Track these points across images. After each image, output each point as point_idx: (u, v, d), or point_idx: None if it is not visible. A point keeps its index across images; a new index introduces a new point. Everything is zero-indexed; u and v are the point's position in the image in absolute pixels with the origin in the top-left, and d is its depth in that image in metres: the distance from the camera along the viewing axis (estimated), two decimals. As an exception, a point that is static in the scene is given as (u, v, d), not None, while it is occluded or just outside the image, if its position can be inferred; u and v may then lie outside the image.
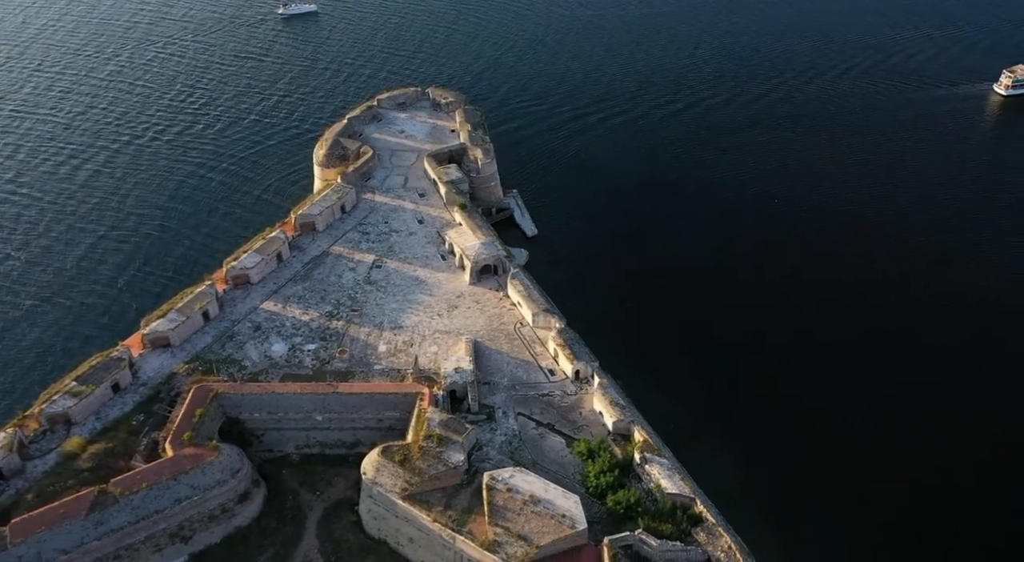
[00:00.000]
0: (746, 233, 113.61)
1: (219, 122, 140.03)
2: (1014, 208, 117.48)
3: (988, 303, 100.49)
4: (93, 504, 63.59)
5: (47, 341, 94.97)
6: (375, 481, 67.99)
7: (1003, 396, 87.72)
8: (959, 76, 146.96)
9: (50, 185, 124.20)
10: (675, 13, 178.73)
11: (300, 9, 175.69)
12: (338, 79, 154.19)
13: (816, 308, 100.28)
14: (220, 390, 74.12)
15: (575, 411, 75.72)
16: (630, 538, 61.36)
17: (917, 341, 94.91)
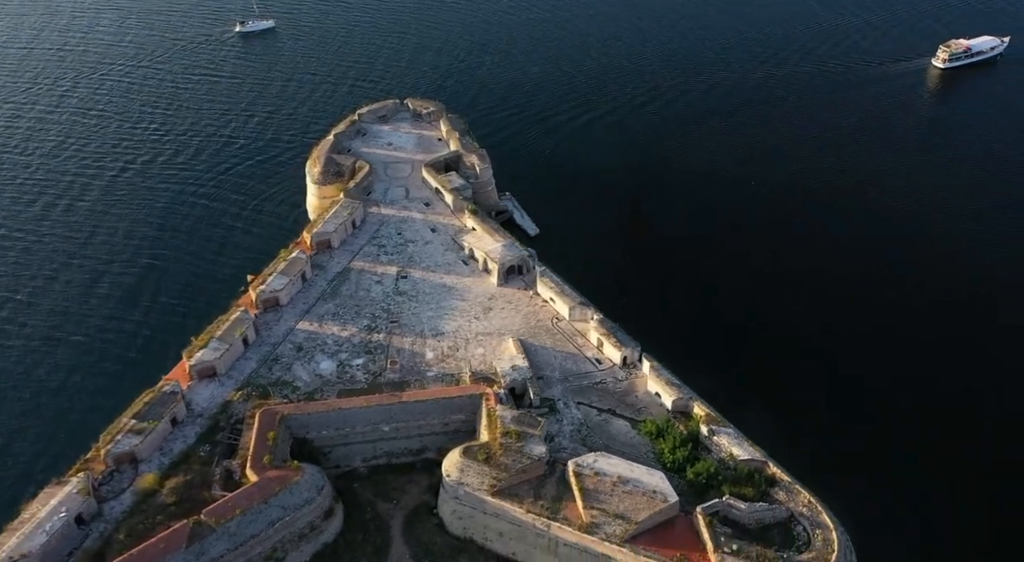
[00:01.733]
0: (735, 215, 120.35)
1: (193, 146, 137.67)
2: (955, 171, 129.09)
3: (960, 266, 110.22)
4: (191, 535, 63.35)
5: (76, 382, 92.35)
6: (461, 482, 69.96)
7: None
8: (900, 53, 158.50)
9: (31, 225, 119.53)
10: (616, 15, 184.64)
11: (258, 26, 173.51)
12: (307, 95, 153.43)
13: (806, 278, 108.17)
14: (286, 412, 74.51)
15: (631, 395, 79.54)
16: (719, 505, 65.54)
17: (887, 308, 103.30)
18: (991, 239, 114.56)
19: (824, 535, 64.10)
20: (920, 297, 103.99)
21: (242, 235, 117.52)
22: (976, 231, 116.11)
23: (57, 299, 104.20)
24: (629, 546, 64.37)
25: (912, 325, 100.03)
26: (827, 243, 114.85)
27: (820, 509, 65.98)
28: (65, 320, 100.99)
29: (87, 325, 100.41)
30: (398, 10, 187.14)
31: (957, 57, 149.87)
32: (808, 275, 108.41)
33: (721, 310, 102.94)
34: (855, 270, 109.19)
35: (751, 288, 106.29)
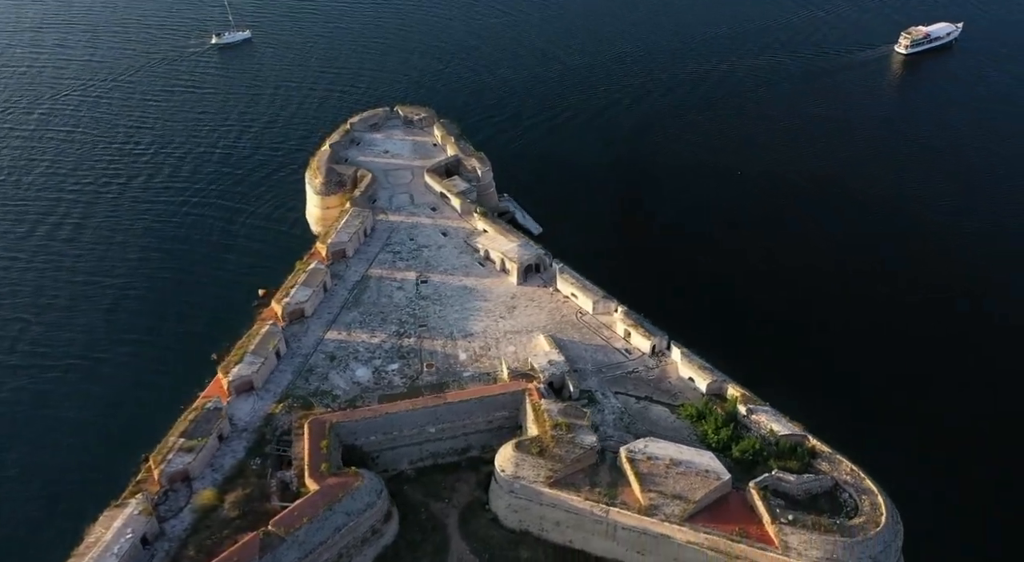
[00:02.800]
0: (725, 204, 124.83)
1: (181, 162, 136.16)
2: (929, 146, 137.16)
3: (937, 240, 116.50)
4: (263, 546, 63.88)
5: (110, 403, 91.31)
6: (516, 476, 71.80)
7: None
8: (864, 42, 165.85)
9: (37, 249, 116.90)
10: (589, 14, 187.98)
11: (235, 38, 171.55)
12: (291, 105, 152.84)
13: (796, 260, 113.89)
14: (334, 420, 75.29)
15: (664, 382, 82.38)
16: (769, 479, 68.70)
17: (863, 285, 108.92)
18: (967, 207, 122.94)
19: (871, 500, 67.86)
20: (891, 284, 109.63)
21: (244, 247, 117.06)
22: (949, 201, 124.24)
23: (71, 323, 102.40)
24: (689, 524, 67.23)
25: (903, 302, 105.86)
26: (813, 224, 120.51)
27: (863, 476, 69.74)
28: (86, 343, 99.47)
29: (108, 346, 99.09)
30: (374, 17, 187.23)
31: (918, 43, 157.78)
32: (797, 257, 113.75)
33: (722, 294, 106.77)
34: (843, 246, 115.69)
35: (745, 273, 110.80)
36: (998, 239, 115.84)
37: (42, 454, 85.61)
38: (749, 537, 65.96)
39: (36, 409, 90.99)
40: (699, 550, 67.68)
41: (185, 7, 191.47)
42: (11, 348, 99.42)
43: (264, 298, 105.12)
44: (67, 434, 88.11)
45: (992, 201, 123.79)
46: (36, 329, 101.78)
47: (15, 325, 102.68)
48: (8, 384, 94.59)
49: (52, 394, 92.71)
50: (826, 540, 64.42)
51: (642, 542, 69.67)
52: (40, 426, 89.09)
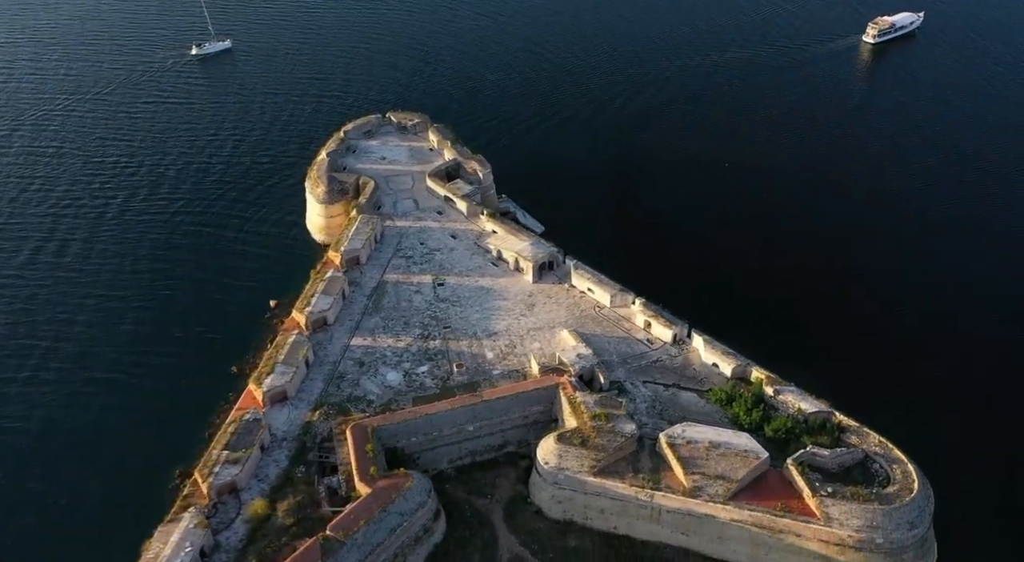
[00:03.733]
0: (717, 193, 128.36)
1: (172, 174, 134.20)
2: (902, 127, 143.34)
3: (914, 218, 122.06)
4: (324, 551, 64.66)
5: (131, 420, 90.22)
6: (560, 467, 73.64)
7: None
8: (833, 32, 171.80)
9: (42, 271, 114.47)
10: (570, 14, 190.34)
11: (215, 48, 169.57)
12: (277, 114, 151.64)
13: (786, 242, 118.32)
14: (375, 424, 76.19)
15: (688, 368, 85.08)
16: (805, 455, 71.70)
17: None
18: (940, 183, 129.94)
19: (901, 469, 71.33)
20: (882, 260, 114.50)
21: (249, 259, 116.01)
22: (924, 176, 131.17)
23: (82, 342, 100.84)
24: (733, 503, 69.90)
25: (886, 283, 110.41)
26: (802, 209, 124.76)
27: (892, 446, 73.26)
28: (103, 362, 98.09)
29: (126, 364, 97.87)
30: (355, 23, 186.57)
31: (885, 32, 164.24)
32: (789, 242, 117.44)
33: (721, 281, 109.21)
34: (833, 228, 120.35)
35: (741, 259, 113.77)
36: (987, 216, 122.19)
37: (73, 474, 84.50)
38: (792, 511, 68.88)
39: (57, 431, 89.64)
40: (743, 527, 70.44)
41: (162, 18, 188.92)
42: (35, 368, 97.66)
43: (276, 309, 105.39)
44: (94, 454, 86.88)
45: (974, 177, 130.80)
46: (54, 350, 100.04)
47: (33, 348, 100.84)
48: (32, 405, 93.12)
49: (75, 414, 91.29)
50: (865, 509, 67.67)
51: (686, 523, 72.15)
52: (64, 447, 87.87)
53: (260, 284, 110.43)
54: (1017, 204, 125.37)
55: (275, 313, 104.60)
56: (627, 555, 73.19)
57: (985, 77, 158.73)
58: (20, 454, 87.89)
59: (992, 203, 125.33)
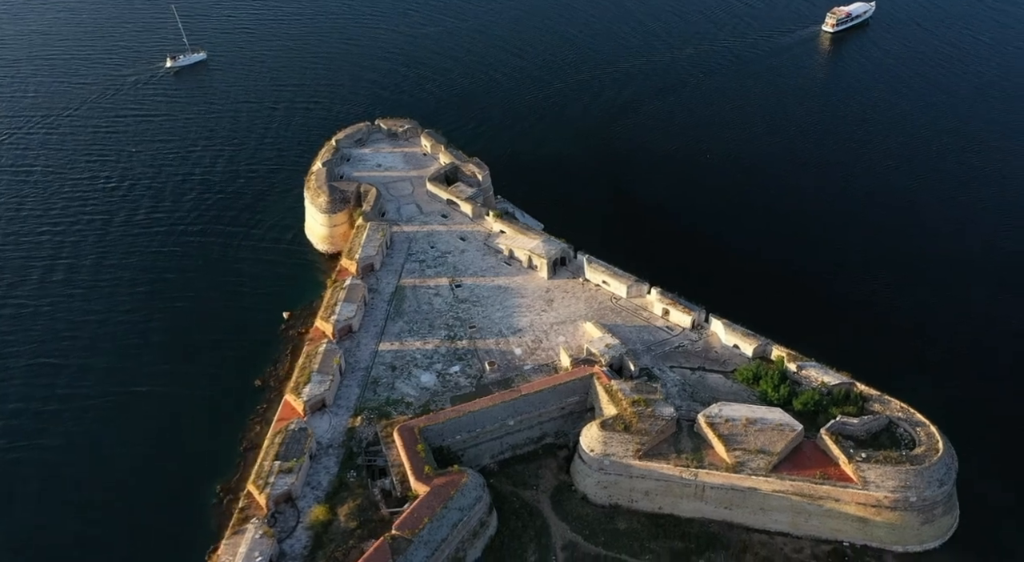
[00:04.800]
0: (701, 181, 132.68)
1: (160, 189, 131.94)
2: (871, 109, 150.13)
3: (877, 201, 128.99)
4: (393, 550, 66.18)
5: (163, 437, 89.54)
6: (606, 453, 76.37)
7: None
8: (793, 23, 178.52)
9: (39, 294, 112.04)
10: (524, 18, 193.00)
11: (190, 60, 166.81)
12: (257, 124, 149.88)
13: (772, 221, 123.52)
14: (421, 425, 77.76)
15: (710, 351, 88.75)
16: (835, 425, 75.83)
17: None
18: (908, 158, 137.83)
19: (925, 431, 76.07)
20: (845, 230, 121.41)
21: (253, 271, 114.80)
22: (894, 155, 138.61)
23: (100, 365, 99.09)
24: (774, 475, 73.64)
25: (862, 254, 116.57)
26: (780, 193, 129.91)
27: (913, 411, 77.99)
28: (121, 381, 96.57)
29: (144, 383, 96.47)
30: (328, 31, 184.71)
31: (842, 22, 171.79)
32: (773, 225, 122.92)
33: (713, 264, 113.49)
34: (810, 210, 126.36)
35: (733, 242, 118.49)
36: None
37: (111, 497, 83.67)
38: (830, 478, 72.96)
39: (89, 454, 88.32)
40: (784, 496, 74.29)
41: (133, 32, 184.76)
42: (60, 394, 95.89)
43: (290, 320, 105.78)
44: (130, 476, 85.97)
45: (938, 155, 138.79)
46: (76, 373, 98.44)
47: (56, 372, 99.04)
48: (63, 430, 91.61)
49: (104, 436, 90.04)
50: (898, 471, 72.10)
51: (730, 498, 75.67)
52: (97, 469, 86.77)
53: (269, 297, 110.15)
54: (985, 177, 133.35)
55: (290, 324, 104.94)
56: (674, 533, 76.34)
57: (935, 59, 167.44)
58: (61, 479, 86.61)
59: (960, 177, 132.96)
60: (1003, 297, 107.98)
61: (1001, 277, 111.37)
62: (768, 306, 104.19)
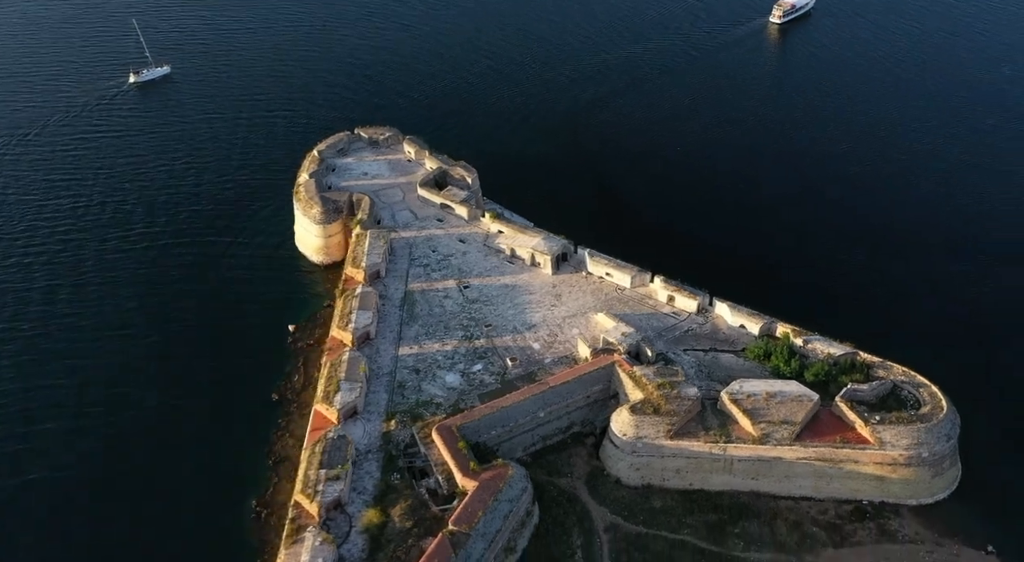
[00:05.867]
0: (674, 172, 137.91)
1: (144, 208, 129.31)
2: (809, 108, 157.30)
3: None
4: (453, 545, 68.26)
5: (188, 457, 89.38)
6: (638, 436, 79.92)
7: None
8: (743, 15, 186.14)
9: (40, 318, 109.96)
10: (478, 20, 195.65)
11: (154, 74, 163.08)
12: (229, 136, 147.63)
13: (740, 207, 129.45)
14: (458, 423, 79.85)
15: (718, 333, 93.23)
16: (848, 392, 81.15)
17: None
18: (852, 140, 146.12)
19: (927, 391, 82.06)
20: (809, 210, 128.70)
21: (247, 286, 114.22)
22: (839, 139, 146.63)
23: (113, 393, 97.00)
24: (798, 443, 78.43)
25: (832, 230, 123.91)
26: (746, 175, 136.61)
27: (914, 373, 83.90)
28: (134, 410, 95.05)
29: (159, 408, 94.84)
30: (294, 40, 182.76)
31: (788, 13, 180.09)
32: (750, 210, 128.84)
33: (702, 248, 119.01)
34: (774, 193, 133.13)
35: (713, 226, 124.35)
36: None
37: (147, 523, 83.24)
38: (850, 442, 78.14)
39: (118, 481, 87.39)
40: (807, 463, 79.18)
41: (93, 47, 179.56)
42: (68, 425, 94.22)
43: (297, 333, 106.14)
44: (163, 500, 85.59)
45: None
46: (71, 395, 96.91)
47: (63, 402, 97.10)
48: (74, 455, 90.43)
49: (131, 461, 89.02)
50: (911, 429, 77.75)
51: (756, 468, 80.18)
52: (127, 496, 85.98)
53: (270, 311, 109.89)
54: (927, 153, 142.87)
55: (296, 337, 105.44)
56: (707, 506, 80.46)
57: (875, 45, 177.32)
58: (85, 508, 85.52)
59: (906, 153, 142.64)
60: (957, 264, 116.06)
61: (948, 244, 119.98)
62: (757, 286, 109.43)
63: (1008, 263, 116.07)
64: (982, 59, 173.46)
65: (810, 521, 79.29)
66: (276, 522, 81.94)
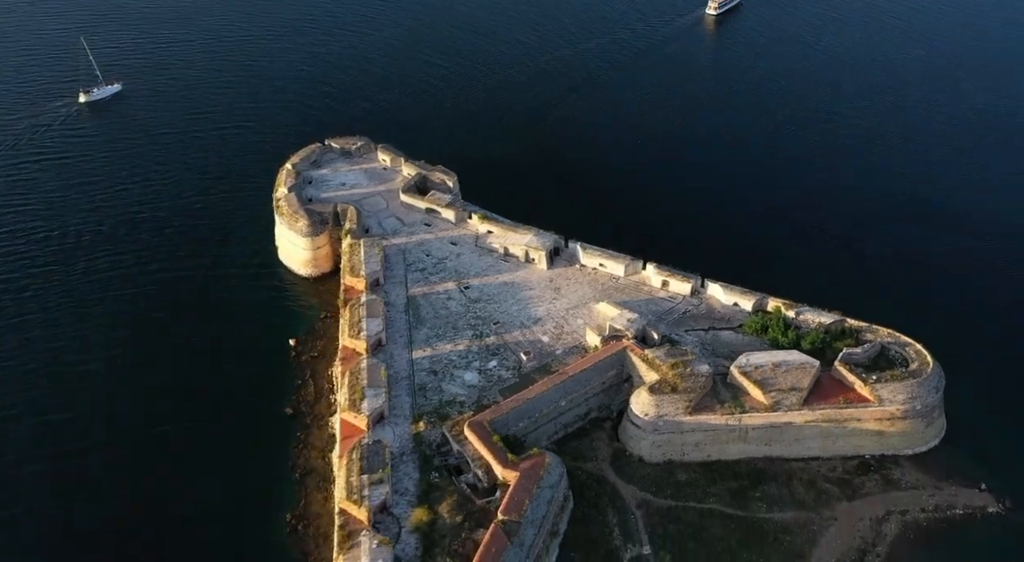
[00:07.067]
0: (637, 163, 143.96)
1: (111, 230, 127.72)
2: (750, 93, 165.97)
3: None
4: (507, 533, 71.10)
5: (230, 471, 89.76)
6: (659, 415, 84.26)
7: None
8: (681, 8, 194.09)
9: (36, 352, 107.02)
10: (422, 27, 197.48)
11: (105, 93, 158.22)
12: (194, 154, 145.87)
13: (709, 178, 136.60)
14: (489, 418, 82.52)
15: (714, 312, 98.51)
16: (845, 356, 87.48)
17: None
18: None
19: (913, 349, 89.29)
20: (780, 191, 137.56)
21: (237, 304, 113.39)
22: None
23: (128, 425, 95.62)
24: (806, 407, 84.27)
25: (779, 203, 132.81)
26: (702, 161, 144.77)
27: (899, 334, 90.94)
28: (146, 424, 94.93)
29: (175, 434, 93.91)
30: (243, 53, 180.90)
31: (723, 4, 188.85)
32: (702, 186, 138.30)
33: (674, 230, 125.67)
34: (728, 173, 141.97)
35: (689, 208, 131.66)
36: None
37: (184, 544, 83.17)
38: (852, 402, 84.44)
39: (155, 511, 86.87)
40: (815, 425, 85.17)
41: (41, 67, 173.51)
42: (89, 450, 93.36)
43: (298, 346, 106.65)
44: (192, 524, 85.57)
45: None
46: (79, 424, 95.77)
47: (84, 432, 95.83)
48: (95, 487, 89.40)
49: (155, 484, 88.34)
50: (905, 385, 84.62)
51: (769, 435, 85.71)
52: (159, 521, 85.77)
53: (266, 326, 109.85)
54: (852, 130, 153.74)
55: (299, 350, 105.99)
56: (727, 475, 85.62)
57: (801, 30, 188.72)
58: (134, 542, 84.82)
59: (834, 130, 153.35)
60: (913, 230, 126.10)
61: (896, 212, 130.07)
62: (737, 264, 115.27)
63: (953, 226, 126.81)
64: (899, 41, 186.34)
65: (822, 479, 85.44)
66: (314, 533, 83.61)
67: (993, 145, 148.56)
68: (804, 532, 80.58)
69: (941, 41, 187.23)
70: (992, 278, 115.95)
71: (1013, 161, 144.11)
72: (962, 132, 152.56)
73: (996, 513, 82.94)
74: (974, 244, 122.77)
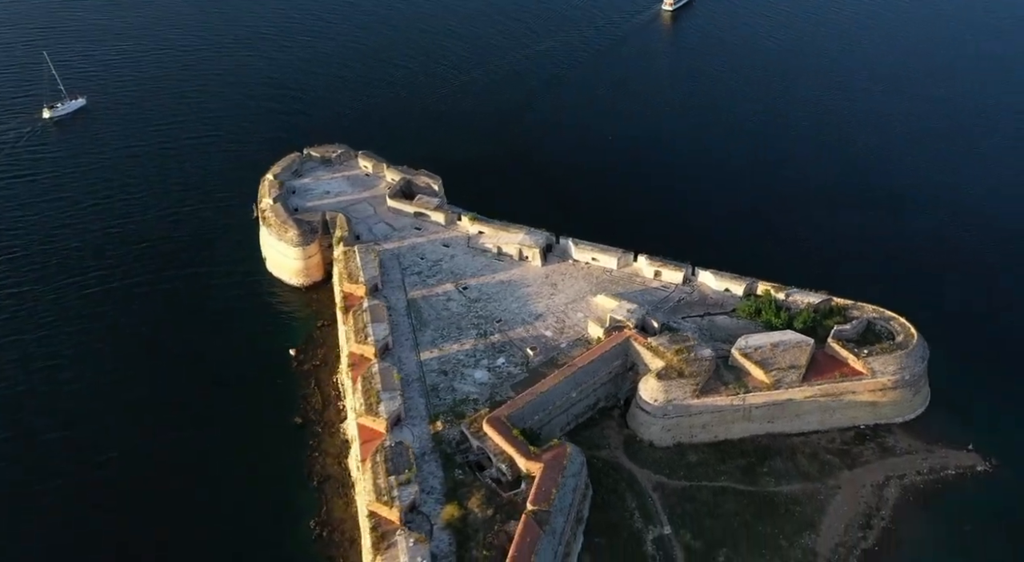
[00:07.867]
0: (612, 160, 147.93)
1: (96, 248, 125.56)
2: (712, 83, 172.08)
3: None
4: (539, 523, 73.50)
5: (246, 485, 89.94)
6: (668, 400, 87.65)
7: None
8: (637, 5, 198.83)
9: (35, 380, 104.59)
10: (380, 28, 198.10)
11: (70, 107, 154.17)
12: (165, 167, 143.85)
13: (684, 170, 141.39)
14: (506, 413, 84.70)
15: (707, 298, 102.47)
16: (836, 332, 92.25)
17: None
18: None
19: (898, 323, 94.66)
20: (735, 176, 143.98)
21: (231, 317, 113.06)
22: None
23: (138, 448, 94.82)
24: (805, 384, 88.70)
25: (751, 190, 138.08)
26: (670, 153, 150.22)
27: (883, 310, 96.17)
28: (154, 441, 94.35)
29: (186, 452, 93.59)
30: (208, 64, 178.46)
31: (677, 0, 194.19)
32: (675, 177, 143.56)
33: (649, 219, 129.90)
34: (699, 165, 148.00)
35: (656, 203, 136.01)
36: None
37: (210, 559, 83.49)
38: (847, 376, 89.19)
39: (167, 524, 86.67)
40: (814, 400, 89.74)
41: (0, 82, 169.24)
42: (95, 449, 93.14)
43: (299, 356, 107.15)
44: (214, 537, 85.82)
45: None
46: (89, 442, 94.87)
47: (99, 451, 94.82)
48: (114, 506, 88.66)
49: (176, 504, 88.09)
50: (894, 357, 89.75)
51: (771, 413, 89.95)
52: (186, 536, 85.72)
53: (264, 339, 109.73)
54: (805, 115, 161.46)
55: (300, 360, 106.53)
56: (735, 453, 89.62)
57: (753, 23, 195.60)
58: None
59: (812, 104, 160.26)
60: (869, 213, 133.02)
61: (851, 196, 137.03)
62: (716, 249, 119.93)
63: (918, 206, 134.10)
64: (849, 32, 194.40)
65: (823, 450, 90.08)
66: (339, 538, 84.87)
67: (952, 127, 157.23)
68: (812, 502, 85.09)
69: (896, 27, 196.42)
70: (950, 256, 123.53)
71: (966, 141, 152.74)
72: (921, 117, 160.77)
73: (984, 471, 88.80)
74: (938, 222, 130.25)
